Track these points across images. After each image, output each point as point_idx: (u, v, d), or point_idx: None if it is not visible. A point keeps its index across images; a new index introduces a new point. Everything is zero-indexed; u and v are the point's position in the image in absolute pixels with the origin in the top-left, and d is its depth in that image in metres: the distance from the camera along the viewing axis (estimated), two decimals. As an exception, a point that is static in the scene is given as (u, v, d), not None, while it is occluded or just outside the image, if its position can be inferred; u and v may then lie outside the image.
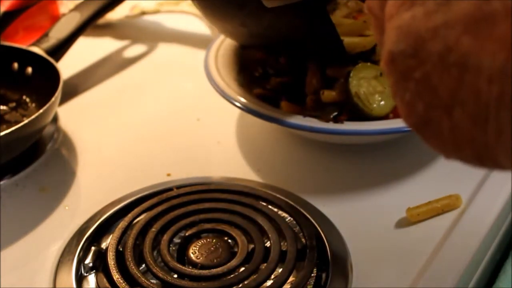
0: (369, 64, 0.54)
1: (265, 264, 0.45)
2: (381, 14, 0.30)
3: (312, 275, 0.45)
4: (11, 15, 0.74)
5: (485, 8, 0.23)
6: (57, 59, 0.67)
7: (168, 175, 0.57)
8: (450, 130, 0.25)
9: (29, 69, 0.67)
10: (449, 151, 0.27)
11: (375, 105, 0.53)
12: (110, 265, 0.45)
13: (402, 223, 0.50)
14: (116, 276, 0.44)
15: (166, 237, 0.47)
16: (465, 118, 0.24)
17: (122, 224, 0.49)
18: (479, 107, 0.23)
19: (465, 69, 0.23)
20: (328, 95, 0.55)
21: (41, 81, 0.65)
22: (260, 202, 0.51)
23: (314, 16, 0.51)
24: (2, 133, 0.52)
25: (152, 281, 0.44)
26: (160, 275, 0.44)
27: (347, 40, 0.54)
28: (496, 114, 0.23)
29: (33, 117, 0.54)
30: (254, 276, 0.44)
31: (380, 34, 0.31)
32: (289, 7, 0.48)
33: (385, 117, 0.53)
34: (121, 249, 0.47)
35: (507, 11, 0.22)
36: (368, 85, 0.53)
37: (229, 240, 0.48)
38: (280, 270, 0.44)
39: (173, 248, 0.48)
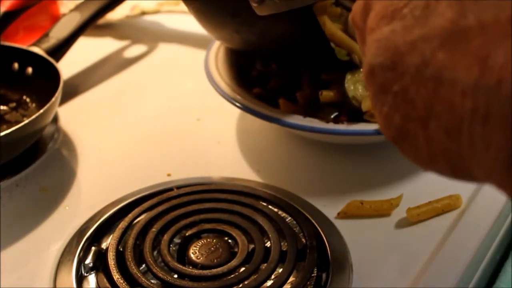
0: (355, 56, 0.54)
1: (265, 264, 0.45)
2: (363, 26, 0.30)
3: (312, 275, 0.45)
4: (11, 15, 0.74)
5: (461, 23, 0.23)
6: (57, 59, 0.67)
7: (168, 175, 0.57)
8: (426, 142, 0.26)
9: (29, 69, 0.67)
10: (426, 163, 0.27)
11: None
12: (110, 265, 0.45)
13: (402, 223, 0.50)
14: (116, 276, 0.44)
15: (166, 237, 0.47)
16: (440, 130, 0.25)
17: (122, 224, 0.49)
18: (453, 120, 0.24)
19: (440, 82, 0.24)
20: (326, 95, 0.55)
21: (41, 81, 0.65)
22: (260, 202, 0.51)
23: (304, 23, 0.51)
24: (2, 133, 0.52)
25: (152, 281, 0.44)
26: (160, 275, 0.44)
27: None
28: (469, 127, 0.23)
29: (33, 117, 0.54)
30: (254, 276, 0.44)
31: (363, 45, 0.31)
32: (281, 15, 0.49)
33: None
34: (121, 249, 0.47)
35: (482, 27, 0.23)
36: (363, 88, 0.54)
37: (229, 240, 0.48)
38: (280, 270, 0.44)
39: (173, 248, 0.48)
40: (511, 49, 0.21)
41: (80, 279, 0.45)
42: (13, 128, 0.53)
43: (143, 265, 0.46)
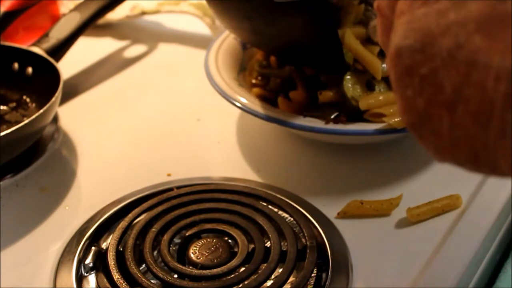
0: (360, 68, 0.54)
1: (265, 264, 0.45)
2: (390, 13, 0.30)
3: (312, 275, 0.45)
4: (11, 15, 0.74)
5: (499, 8, 0.23)
6: (57, 59, 0.67)
7: (168, 175, 0.57)
8: (450, 128, 0.25)
9: (29, 69, 0.67)
10: (445, 152, 0.27)
11: None
12: (110, 265, 0.45)
13: (402, 223, 0.50)
14: (116, 276, 0.44)
15: (166, 237, 0.47)
16: (467, 116, 0.24)
17: (122, 224, 0.49)
18: (483, 105, 0.23)
19: (473, 66, 0.23)
20: (325, 95, 0.55)
21: (41, 81, 0.65)
22: (260, 202, 0.51)
23: (320, 18, 0.51)
24: (2, 133, 0.52)
25: (152, 281, 0.44)
26: (160, 275, 0.44)
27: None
28: (501, 114, 0.23)
29: (33, 117, 0.54)
30: (254, 276, 0.44)
31: (385, 36, 0.31)
32: (297, 5, 0.48)
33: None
34: (121, 249, 0.47)
35: None
36: (362, 88, 0.54)
37: (229, 240, 0.48)
38: (280, 270, 0.44)
39: (173, 248, 0.48)
40: None
41: (80, 279, 0.45)
42: (13, 128, 0.53)
43: (143, 265, 0.46)
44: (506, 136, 0.23)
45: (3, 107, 0.66)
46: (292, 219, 0.50)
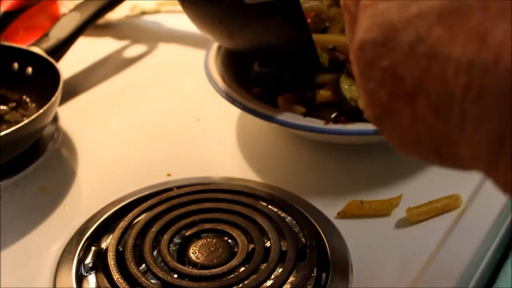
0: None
1: (265, 264, 0.45)
2: (355, 10, 0.30)
3: (312, 275, 0.45)
4: (11, 15, 0.74)
5: (461, 1, 0.23)
6: (57, 59, 0.67)
7: (168, 175, 0.57)
8: (411, 121, 0.25)
9: (29, 69, 0.67)
10: (408, 145, 0.27)
11: None
12: (110, 265, 0.45)
13: (402, 223, 0.50)
14: (116, 276, 0.44)
15: (166, 237, 0.47)
16: (428, 108, 0.24)
17: (122, 224, 0.49)
18: (443, 97, 0.23)
19: (433, 58, 0.23)
20: (324, 95, 0.55)
21: (41, 81, 0.65)
22: (260, 202, 0.51)
23: (293, 19, 0.50)
24: (2, 133, 0.52)
25: (152, 281, 0.44)
26: (160, 275, 0.44)
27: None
28: (461, 105, 0.23)
29: (33, 117, 0.54)
30: (254, 276, 0.44)
31: (351, 32, 0.31)
32: (269, 7, 0.48)
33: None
34: (121, 249, 0.47)
35: (481, 5, 0.22)
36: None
37: (229, 240, 0.48)
38: (280, 270, 0.44)
39: (173, 248, 0.48)
40: (511, 27, 0.21)
41: (80, 279, 0.45)
42: (13, 128, 0.53)
43: (143, 265, 0.46)
44: (466, 128, 0.23)
45: (3, 107, 0.66)
46: (292, 219, 0.50)
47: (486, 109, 0.22)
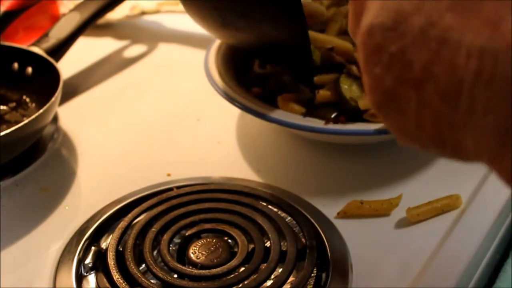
0: (354, 67, 0.54)
1: (265, 264, 0.45)
2: None
3: (312, 275, 0.45)
4: (11, 15, 0.74)
5: None
6: (57, 59, 0.67)
7: (168, 175, 0.57)
8: (417, 107, 0.25)
9: (29, 69, 0.67)
10: (410, 133, 0.26)
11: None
12: (110, 265, 0.45)
13: (402, 223, 0.50)
14: (116, 276, 0.44)
15: (166, 237, 0.47)
16: (436, 93, 0.24)
17: (122, 224, 0.49)
18: (452, 82, 0.23)
19: (444, 43, 0.23)
20: (323, 94, 0.55)
21: (41, 81, 0.65)
22: (260, 202, 0.51)
23: (289, 12, 0.50)
24: (2, 133, 0.52)
25: (152, 281, 0.44)
26: (160, 275, 0.44)
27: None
28: (470, 91, 0.23)
29: (33, 117, 0.54)
30: (254, 276, 0.44)
31: (355, 22, 0.30)
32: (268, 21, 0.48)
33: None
34: (121, 249, 0.47)
35: None
36: (359, 88, 0.54)
37: (229, 240, 0.48)
38: (280, 270, 0.44)
39: (173, 248, 0.48)
40: None
41: (80, 279, 0.45)
42: (13, 128, 0.52)
43: (143, 265, 0.46)
44: (474, 115, 0.23)
45: (3, 107, 0.66)
46: (292, 219, 0.50)
47: (495, 96, 0.22)
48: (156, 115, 0.68)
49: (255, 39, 0.55)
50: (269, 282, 0.44)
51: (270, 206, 0.51)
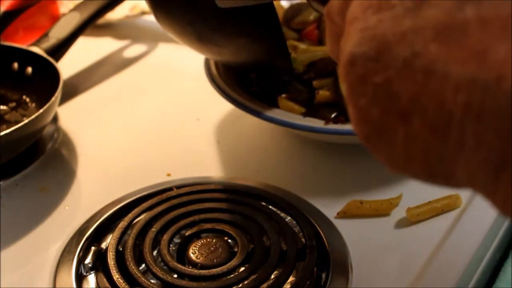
0: None
1: (265, 264, 0.45)
2: (340, 20, 0.29)
3: (312, 275, 0.45)
4: (11, 15, 0.74)
5: (458, 16, 0.22)
6: (57, 59, 0.67)
7: (168, 175, 0.57)
8: (404, 139, 0.24)
9: (29, 69, 0.67)
10: (399, 164, 0.26)
11: None
12: (110, 265, 0.45)
13: (402, 223, 0.50)
14: (116, 276, 0.44)
15: (166, 237, 0.47)
16: (424, 126, 0.23)
17: (122, 224, 0.49)
18: (441, 116, 0.22)
19: (430, 75, 0.22)
20: (323, 95, 0.55)
21: (41, 81, 0.64)
22: (260, 202, 0.51)
23: (265, 24, 0.50)
24: (2, 133, 0.52)
25: (152, 281, 0.44)
26: (160, 275, 0.44)
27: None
28: (460, 125, 0.22)
29: (33, 117, 0.54)
30: (254, 276, 0.44)
31: (333, 43, 0.29)
32: (241, 10, 0.47)
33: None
34: (121, 249, 0.47)
35: (481, 21, 0.22)
36: None
37: (229, 240, 0.48)
38: (280, 270, 0.44)
39: (173, 248, 0.48)
40: None
41: (80, 279, 0.45)
42: (13, 128, 0.52)
43: (143, 265, 0.46)
44: (465, 148, 0.22)
45: (3, 107, 0.66)
46: (292, 219, 0.50)
47: (486, 130, 0.21)
48: (156, 115, 0.68)
49: (233, 52, 0.55)
50: (269, 282, 0.44)
51: (270, 206, 0.51)
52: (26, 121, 0.54)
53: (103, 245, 0.48)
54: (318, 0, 0.46)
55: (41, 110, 0.55)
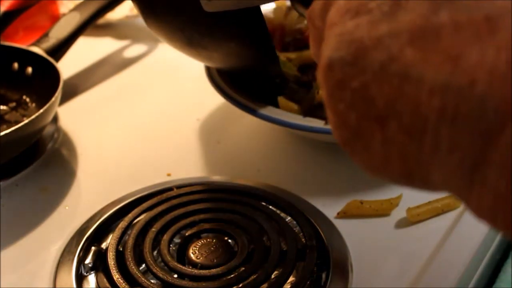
0: None
1: (265, 264, 0.45)
2: (321, 24, 0.29)
3: (312, 275, 0.45)
4: (11, 15, 0.74)
5: (432, 20, 0.22)
6: (57, 59, 0.67)
7: (168, 175, 0.57)
8: (382, 143, 0.24)
9: (29, 69, 0.67)
10: (377, 168, 0.26)
11: None
12: (110, 265, 0.45)
13: (402, 223, 0.50)
14: (116, 276, 0.44)
15: (166, 237, 0.47)
16: (400, 131, 0.23)
17: (122, 224, 0.49)
18: (416, 120, 0.23)
19: (406, 80, 0.23)
20: (323, 95, 0.55)
21: (41, 81, 0.65)
22: (260, 202, 0.51)
23: (254, 28, 0.50)
24: (2, 133, 0.52)
25: (152, 281, 0.44)
26: (160, 275, 0.44)
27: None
28: (435, 128, 0.22)
29: (33, 117, 0.54)
30: (254, 276, 0.44)
31: (316, 47, 0.29)
32: (230, 15, 0.47)
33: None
34: (121, 249, 0.47)
35: (455, 25, 0.22)
36: None
37: (229, 240, 0.48)
38: (280, 270, 0.44)
39: (173, 248, 0.48)
40: (485, 49, 0.21)
41: (80, 279, 0.45)
42: (13, 128, 0.52)
43: (143, 265, 0.46)
44: (440, 151, 0.22)
45: (3, 107, 0.66)
46: (292, 219, 0.50)
47: (460, 134, 0.21)
48: (156, 115, 0.68)
49: (223, 57, 0.55)
50: (269, 282, 0.44)
51: (270, 206, 0.51)
52: (26, 121, 0.54)
53: (103, 245, 0.48)
54: (301, 3, 0.46)
55: (41, 110, 0.55)
